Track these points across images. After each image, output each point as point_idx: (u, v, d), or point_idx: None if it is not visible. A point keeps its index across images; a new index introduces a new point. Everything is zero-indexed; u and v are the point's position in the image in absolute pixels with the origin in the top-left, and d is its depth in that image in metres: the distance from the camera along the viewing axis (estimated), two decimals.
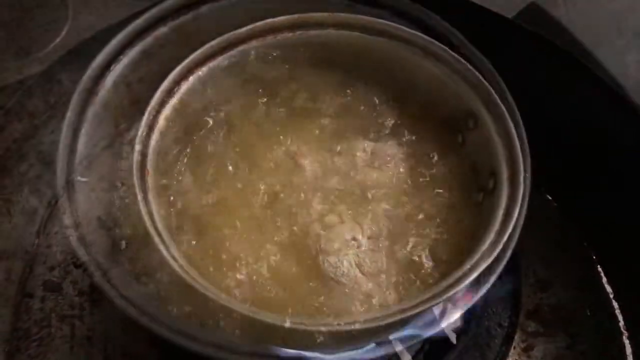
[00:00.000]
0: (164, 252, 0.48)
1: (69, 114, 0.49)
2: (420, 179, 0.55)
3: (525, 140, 0.50)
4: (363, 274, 0.50)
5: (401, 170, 0.56)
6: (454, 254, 0.51)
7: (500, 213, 0.48)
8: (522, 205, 0.47)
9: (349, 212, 0.53)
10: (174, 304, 0.48)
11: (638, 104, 0.61)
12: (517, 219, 0.46)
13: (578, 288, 0.66)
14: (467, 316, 0.46)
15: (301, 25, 0.57)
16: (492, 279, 0.45)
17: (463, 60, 0.53)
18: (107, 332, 0.61)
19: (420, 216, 0.53)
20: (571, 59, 0.64)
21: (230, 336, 0.45)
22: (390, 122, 0.58)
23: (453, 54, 0.54)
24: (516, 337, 0.62)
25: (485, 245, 0.46)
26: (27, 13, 0.69)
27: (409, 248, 0.52)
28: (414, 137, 0.57)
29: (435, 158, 0.56)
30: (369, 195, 0.54)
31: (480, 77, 0.52)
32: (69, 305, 0.63)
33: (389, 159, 0.56)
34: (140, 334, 0.59)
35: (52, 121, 0.73)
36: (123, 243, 0.51)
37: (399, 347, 0.43)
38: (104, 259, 0.45)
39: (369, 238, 0.52)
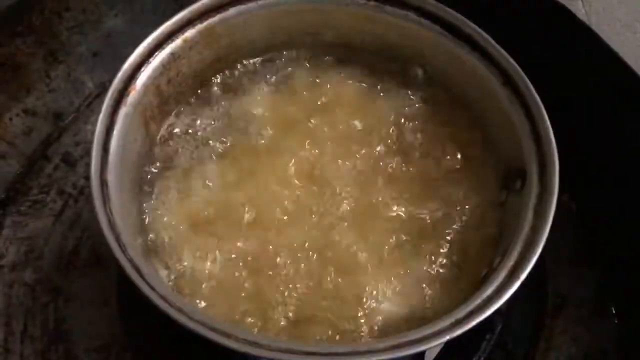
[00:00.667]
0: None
1: (102, 114, 0.49)
2: (444, 179, 0.55)
3: (553, 140, 0.50)
4: (383, 281, 0.50)
5: (423, 170, 0.56)
6: (477, 256, 0.52)
7: (529, 214, 0.47)
8: (552, 205, 0.47)
9: (367, 219, 0.53)
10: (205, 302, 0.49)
11: None
12: (547, 219, 0.46)
13: (589, 291, 0.66)
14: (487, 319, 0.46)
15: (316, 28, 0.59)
16: (518, 283, 0.45)
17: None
18: (127, 339, 0.61)
19: (443, 218, 0.53)
20: (588, 59, 0.64)
21: (266, 333, 0.46)
22: (412, 122, 0.58)
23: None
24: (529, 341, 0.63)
25: (515, 247, 0.46)
26: (56, 17, 0.70)
27: (430, 251, 0.52)
28: (436, 137, 0.57)
29: (459, 158, 0.56)
30: (385, 196, 0.54)
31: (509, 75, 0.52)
32: (83, 309, 0.64)
33: (410, 159, 0.56)
34: (159, 340, 0.59)
35: (76, 123, 0.75)
36: (154, 244, 0.52)
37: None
38: (137, 258, 0.45)
39: (386, 246, 0.52)
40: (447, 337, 0.42)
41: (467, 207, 0.54)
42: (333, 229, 0.52)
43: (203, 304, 0.49)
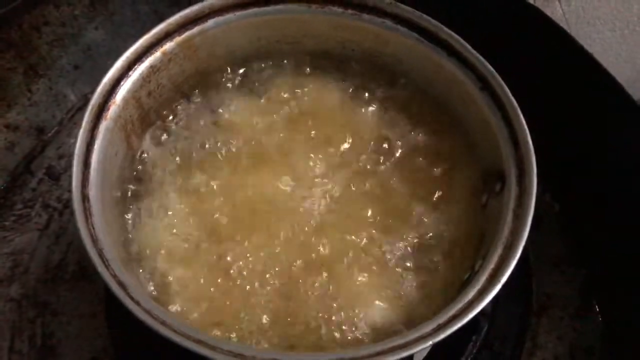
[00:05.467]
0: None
1: (82, 129, 0.49)
2: (425, 184, 0.56)
3: (530, 143, 0.50)
4: (368, 288, 0.50)
5: (405, 175, 0.56)
6: (460, 259, 0.52)
7: (509, 216, 0.48)
8: (530, 207, 0.47)
9: (348, 220, 0.53)
10: (190, 315, 0.49)
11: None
12: (526, 222, 0.47)
13: (573, 290, 0.67)
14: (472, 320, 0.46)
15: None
16: (498, 286, 0.45)
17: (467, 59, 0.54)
18: (115, 351, 0.61)
19: (425, 222, 0.54)
20: (564, 60, 0.65)
21: (250, 345, 0.46)
22: (392, 128, 0.58)
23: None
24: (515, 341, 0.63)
25: (496, 250, 0.47)
26: (34, 31, 0.70)
27: (413, 256, 0.52)
28: (416, 142, 0.58)
29: (440, 162, 0.57)
30: (368, 203, 0.54)
31: (486, 80, 0.53)
32: (71, 322, 0.64)
33: (392, 164, 0.57)
34: (147, 352, 0.59)
35: (59, 136, 0.75)
36: (137, 256, 0.52)
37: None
38: (120, 273, 0.45)
39: (368, 253, 0.52)
40: (430, 342, 0.43)
41: (448, 210, 0.54)
42: (316, 236, 0.52)
43: (189, 313, 0.49)
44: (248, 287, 0.50)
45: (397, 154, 0.57)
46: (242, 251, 0.51)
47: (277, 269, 0.51)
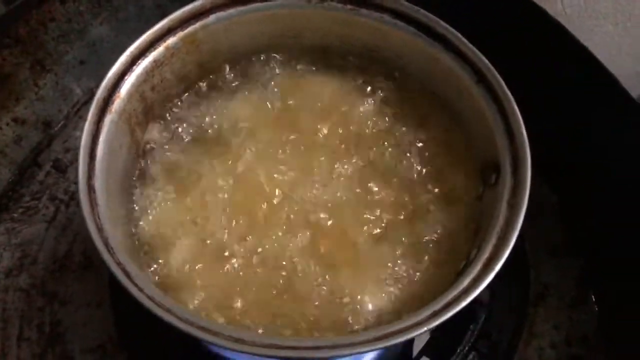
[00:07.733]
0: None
1: (88, 122, 0.50)
2: (422, 176, 0.57)
3: (525, 135, 0.51)
4: (365, 276, 0.51)
5: (403, 168, 0.57)
6: (456, 248, 0.53)
7: (504, 207, 0.49)
8: (524, 198, 0.48)
9: (348, 212, 0.54)
10: (193, 302, 0.51)
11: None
12: (520, 212, 0.48)
13: (570, 280, 0.68)
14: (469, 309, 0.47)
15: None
16: (492, 274, 0.46)
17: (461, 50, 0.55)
18: (121, 339, 0.63)
19: (423, 212, 0.55)
20: (574, 54, 0.65)
21: (251, 330, 0.47)
22: (392, 122, 0.59)
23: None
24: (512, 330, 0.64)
25: (490, 240, 0.48)
26: (41, 27, 0.71)
27: (411, 246, 0.53)
28: (415, 136, 0.59)
29: (437, 154, 0.58)
30: (367, 195, 0.55)
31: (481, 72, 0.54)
32: (78, 311, 0.65)
33: (390, 157, 0.58)
34: (153, 339, 0.61)
35: (66, 130, 0.76)
36: (143, 246, 0.53)
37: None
38: (125, 261, 0.46)
39: (367, 242, 0.53)
40: (425, 329, 0.44)
41: (445, 201, 0.55)
42: (317, 225, 0.53)
43: (192, 300, 0.51)
44: (251, 274, 0.51)
45: (396, 147, 0.58)
46: (247, 240, 0.52)
47: (281, 255, 0.52)
